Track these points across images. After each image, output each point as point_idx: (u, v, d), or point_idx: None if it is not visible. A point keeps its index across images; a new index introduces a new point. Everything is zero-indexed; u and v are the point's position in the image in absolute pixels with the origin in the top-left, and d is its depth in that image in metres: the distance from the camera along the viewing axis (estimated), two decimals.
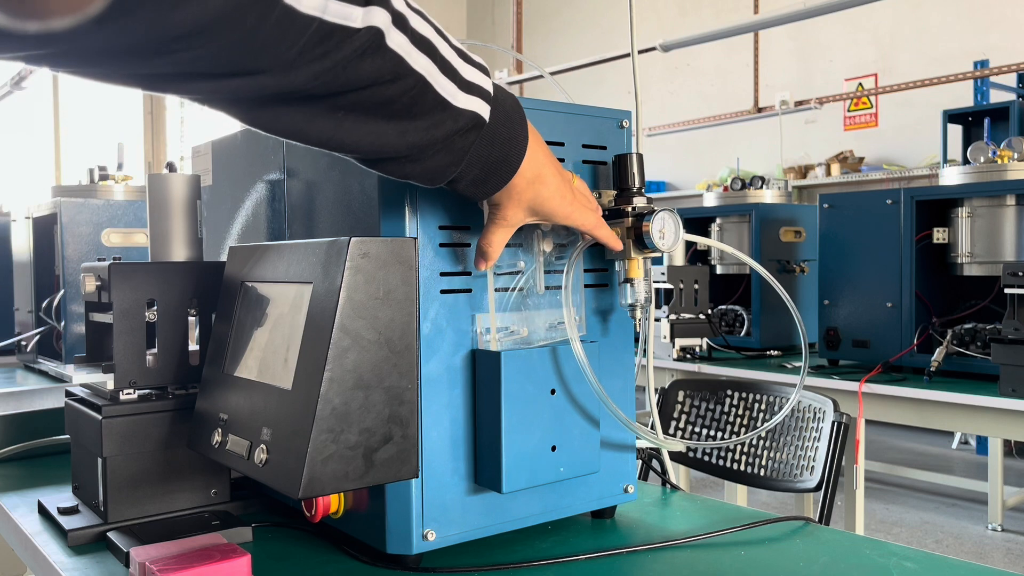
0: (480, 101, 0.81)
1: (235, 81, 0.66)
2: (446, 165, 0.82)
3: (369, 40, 0.68)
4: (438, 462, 0.93)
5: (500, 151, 0.84)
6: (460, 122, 0.79)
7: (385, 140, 0.76)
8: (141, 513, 1.04)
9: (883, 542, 1.01)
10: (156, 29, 0.58)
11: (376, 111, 0.74)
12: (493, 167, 0.85)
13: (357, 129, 0.75)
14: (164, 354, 1.07)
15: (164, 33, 0.59)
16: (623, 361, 1.09)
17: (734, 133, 7.24)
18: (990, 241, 2.60)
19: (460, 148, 0.81)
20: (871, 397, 2.58)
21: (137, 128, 8.17)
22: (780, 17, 3.88)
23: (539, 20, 8.83)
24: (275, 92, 0.68)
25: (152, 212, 1.16)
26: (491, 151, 0.83)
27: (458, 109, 0.79)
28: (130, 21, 0.57)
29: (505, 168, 0.85)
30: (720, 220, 3.51)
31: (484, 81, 0.82)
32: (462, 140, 0.80)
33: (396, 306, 0.85)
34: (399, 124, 0.76)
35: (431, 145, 0.79)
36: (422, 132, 0.77)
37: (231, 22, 0.60)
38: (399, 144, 0.77)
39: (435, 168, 0.81)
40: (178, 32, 0.59)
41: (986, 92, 5.29)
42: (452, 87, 0.78)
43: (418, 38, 0.74)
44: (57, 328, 2.12)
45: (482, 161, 0.83)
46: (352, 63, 0.69)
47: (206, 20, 0.59)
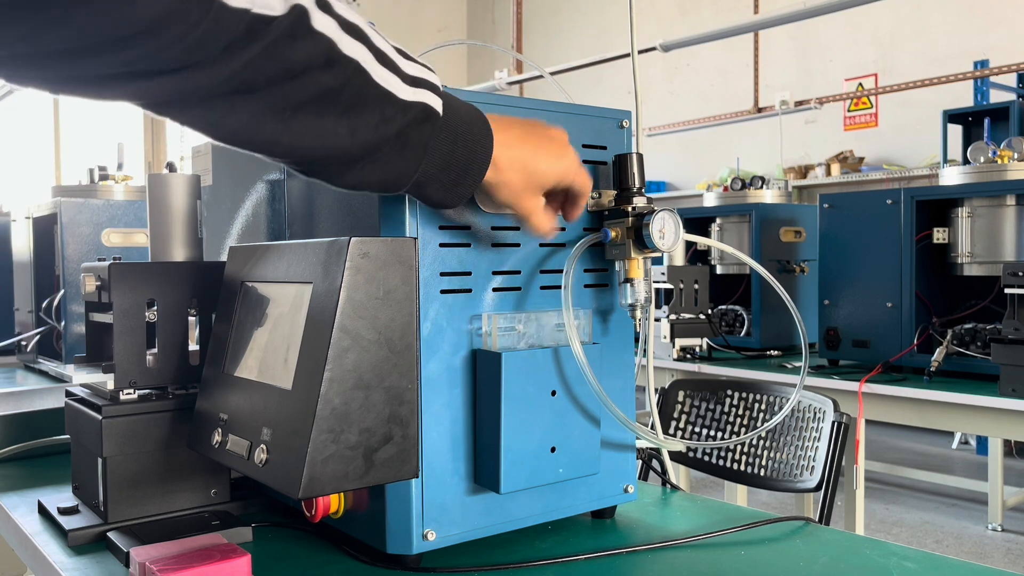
0: (428, 93, 0.79)
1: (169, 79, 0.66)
2: (404, 165, 0.79)
3: (294, 21, 0.68)
4: (438, 462, 0.93)
5: (465, 149, 0.82)
6: (410, 114, 0.77)
7: (335, 141, 0.75)
8: (141, 513, 1.04)
9: (883, 542, 1.01)
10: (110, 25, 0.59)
11: (320, 107, 0.73)
12: (461, 168, 0.82)
13: (306, 131, 0.73)
14: (164, 354, 1.07)
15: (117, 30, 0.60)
16: (623, 361, 1.09)
17: (734, 133, 7.24)
18: (990, 241, 2.60)
19: (417, 143, 0.79)
20: (871, 397, 2.58)
21: (137, 128, 8.17)
22: (780, 17, 3.88)
23: (539, 20, 8.83)
24: (214, 84, 0.68)
25: (152, 212, 1.16)
26: (454, 150, 0.81)
27: (405, 102, 0.77)
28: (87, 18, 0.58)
29: (474, 168, 0.83)
30: (720, 220, 3.51)
31: (429, 75, 0.80)
32: (416, 134, 0.78)
33: (396, 306, 0.85)
34: (347, 121, 0.74)
35: (384, 142, 0.77)
36: (372, 129, 0.75)
37: (178, 17, 0.61)
38: (350, 145, 0.75)
39: (394, 170, 0.79)
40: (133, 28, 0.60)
41: (986, 92, 5.29)
42: (394, 79, 0.76)
43: (347, 25, 0.73)
44: (57, 328, 2.12)
45: (445, 162, 0.81)
46: (281, 45, 0.68)
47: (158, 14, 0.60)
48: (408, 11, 8.98)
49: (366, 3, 8.41)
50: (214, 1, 0.63)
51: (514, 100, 1.00)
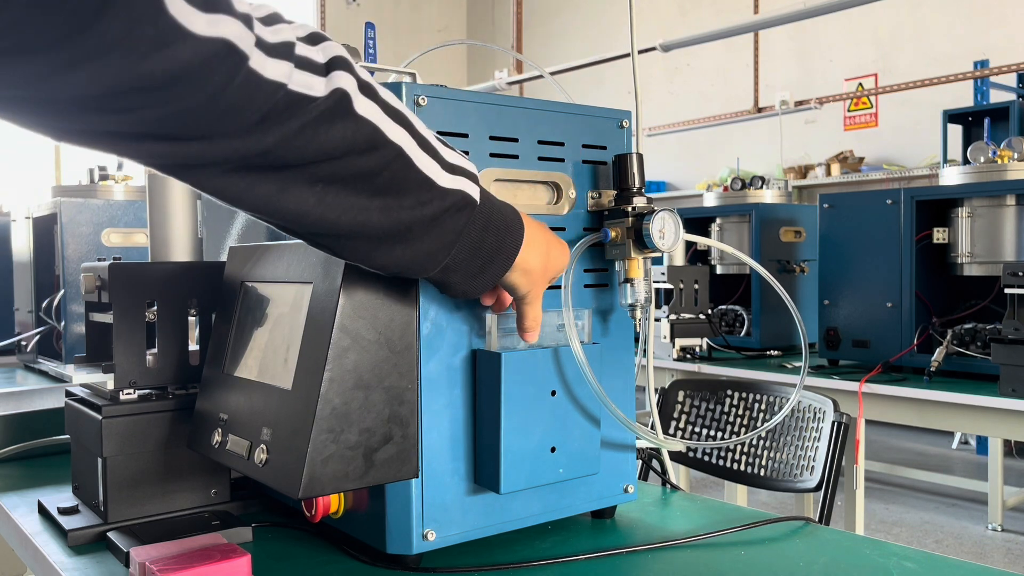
0: (467, 182, 0.78)
1: (197, 145, 0.64)
2: (436, 249, 0.78)
3: (335, 103, 0.67)
4: (438, 462, 0.93)
5: (495, 238, 0.82)
6: (448, 201, 0.76)
7: (368, 216, 0.73)
8: (141, 513, 1.04)
9: (883, 542, 1.01)
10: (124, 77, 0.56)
11: (357, 185, 0.71)
12: (488, 256, 0.82)
13: (339, 203, 0.71)
14: (164, 354, 1.07)
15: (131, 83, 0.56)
16: (623, 361, 1.09)
17: (734, 133, 7.24)
18: (990, 241, 2.60)
19: (451, 229, 0.78)
20: (871, 397, 2.58)
21: None
22: (780, 17, 3.88)
23: (539, 20, 8.83)
24: (242, 156, 0.66)
25: (152, 212, 1.16)
26: (484, 237, 0.81)
27: (444, 188, 0.76)
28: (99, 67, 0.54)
29: (501, 256, 0.83)
30: (720, 220, 3.51)
31: (468, 165, 0.80)
32: (452, 221, 0.77)
33: (396, 306, 0.85)
34: (383, 200, 0.73)
35: (419, 223, 0.75)
36: (408, 210, 0.74)
37: (198, 78, 0.58)
38: (383, 222, 0.74)
39: (425, 252, 0.78)
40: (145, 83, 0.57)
41: (986, 92, 5.29)
42: (435, 166, 0.76)
43: (390, 109, 0.73)
44: (57, 328, 2.12)
45: (475, 248, 0.81)
46: (321, 126, 0.67)
47: (174, 72, 0.57)
48: (408, 11, 8.98)
49: (366, 3, 8.42)
50: (243, 67, 0.61)
51: (514, 100, 1.00)
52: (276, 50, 0.63)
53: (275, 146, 0.66)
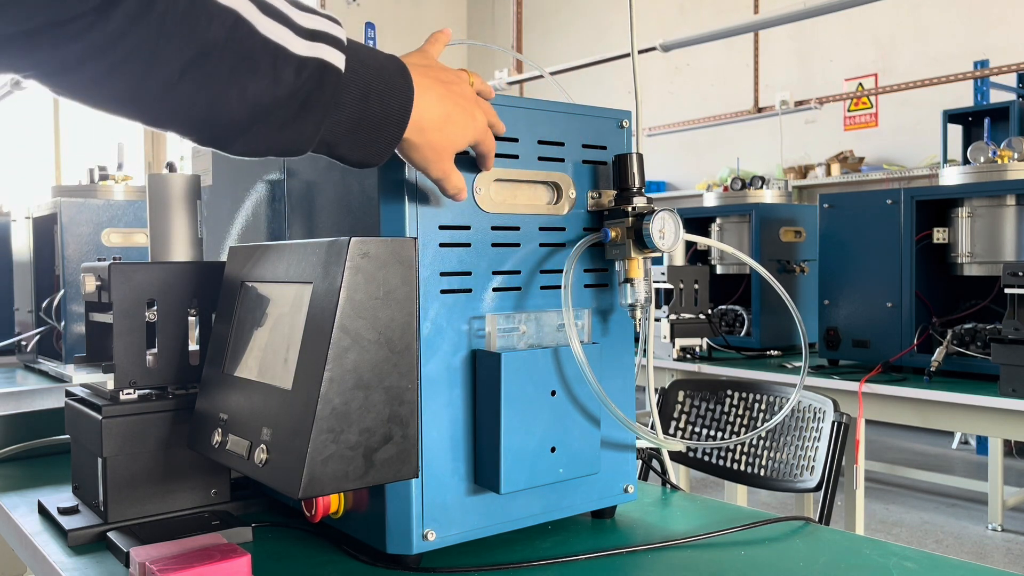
0: (329, 48, 0.72)
1: (46, 48, 0.61)
2: (303, 127, 0.73)
3: None
4: (438, 462, 0.93)
5: (378, 106, 0.75)
6: (304, 73, 0.70)
7: (225, 103, 0.68)
8: (141, 513, 1.04)
9: (883, 542, 1.01)
10: None
11: (205, 68, 0.66)
12: (376, 125, 0.76)
13: (193, 95, 0.67)
14: (164, 354, 1.07)
15: None
16: (623, 361, 1.09)
17: (734, 133, 7.24)
18: (990, 241, 2.60)
19: (316, 105, 0.72)
20: (871, 397, 2.58)
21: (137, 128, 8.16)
22: (780, 17, 3.88)
23: (539, 20, 8.82)
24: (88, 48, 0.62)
25: (152, 212, 1.16)
26: (366, 106, 0.75)
27: (299, 57, 0.70)
28: None
29: (391, 125, 0.77)
30: (720, 220, 3.51)
31: (332, 28, 0.73)
32: (316, 95, 0.71)
33: (396, 306, 0.85)
34: (236, 83, 0.67)
35: (276, 105, 0.70)
36: (263, 90, 0.69)
37: None
38: (242, 107, 0.69)
39: (292, 135, 0.73)
40: None
41: (986, 92, 5.29)
42: (284, 32, 0.69)
43: None
44: (57, 328, 2.12)
45: (356, 120, 0.75)
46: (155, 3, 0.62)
47: None
48: (408, 11, 8.97)
49: (366, 3, 8.42)
50: None
51: (514, 100, 1.00)
52: None
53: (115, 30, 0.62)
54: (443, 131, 0.83)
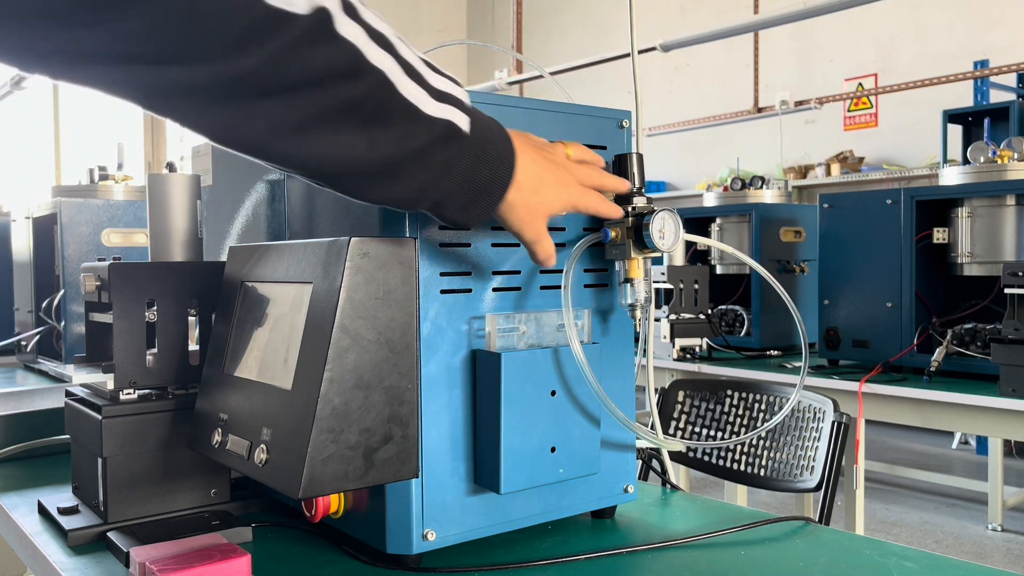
0: (455, 111, 0.76)
1: (175, 69, 0.61)
2: (425, 183, 0.76)
3: (316, 24, 0.64)
4: (438, 462, 0.93)
5: (488, 170, 0.79)
6: (434, 132, 0.74)
7: (355, 153, 0.71)
8: (141, 513, 1.04)
9: (883, 542, 1.01)
10: None
11: (342, 119, 0.69)
12: (481, 188, 0.80)
13: (323, 140, 0.69)
14: (164, 354, 1.07)
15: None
16: (623, 361, 1.09)
17: (734, 133, 7.24)
18: (990, 241, 2.60)
19: (440, 162, 0.75)
20: (871, 397, 2.58)
21: (137, 128, 8.17)
22: (780, 17, 3.88)
23: (539, 20, 8.82)
24: (222, 83, 0.63)
25: (152, 212, 1.16)
26: (477, 169, 0.79)
27: (430, 117, 0.73)
28: None
29: (496, 189, 0.81)
30: (720, 220, 3.51)
31: (457, 91, 0.77)
32: (440, 153, 0.75)
33: (396, 306, 0.85)
34: (368, 133, 0.71)
35: (406, 158, 0.73)
36: (393, 143, 0.72)
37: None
38: (371, 158, 0.72)
39: (415, 187, 0.76)
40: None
41: (986, 92, 5.29)
42: (421, 93, 0.73)
43: (374, 32, 0.70)
44: (57, 328, 2.12)
45: (467, 181, 0.78)
46: (301, 49, 0.64)
47: None
48: (408, 11, 8.98)
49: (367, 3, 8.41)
50: None
51: (514, 100, 1.00)
52: None
53: (256, 69, 0.63)
54: (538, 193, 0.85)
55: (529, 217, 0.86)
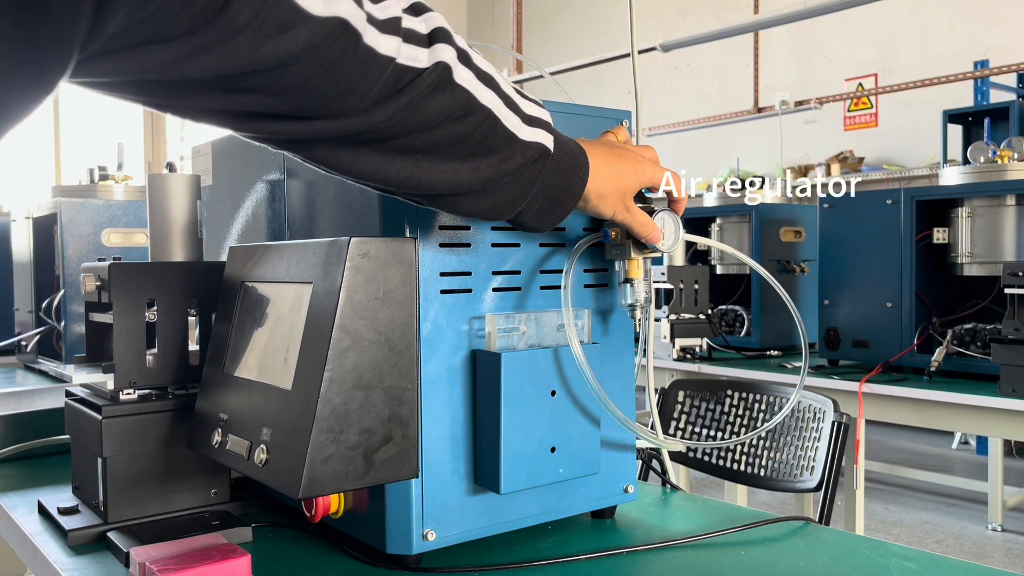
0: (543, 132, 0.84)
1: (317, 124, 0.68)
2: (515, 197, 0.83)
3: (438, 76, 0.72)
4: (438, 462, 0.93)
5: (563, 179, 0.86)
6: (528, 154, 0.82)
7: (460, 178, 0.78)
8: (141, 513, 1.04)
9: (883, 542, 1.01)
10: (249, 60, 0.59)
11: (450, 149, 0.76)
12: (557, 195, 0.87)
13: (433, 168, 0.76)
14: (164, 354, 1.07)
15: (255, 65, 0.60)
16: (623, 361, 1.09)
17: (734, 133, 7.23)
18: (990, 241, 2.60)
19: (528, 179, 0.83)
20: (871, 397, 2.58)
21: (137, 128, 8.17)
22: (780, 17, 3.88)
23: (539, 20, 8.82)
24: (355, 133, 0.71)
25: (152, 212, 1.16)
26: (554, 180, 0.86)
27: (524, 142, 0.81)
28: (227, 51, 0.58)
29: (568, 195, 0.88)
30: (720, 220, 3.51)
31: (543, 114, 0.85)
32: (530, 171, 0.83)
33: (396, 306, 0.85)
34: (472, 162, 0.78)
35: (501, 177, 0.81)
36: (494, 167, 0.80)
37: (316, 57, 0.62)
38: (472, 180, 0.79)
39: (504, 200, 0.83)
40: (268, 64, 0.60)
41: (986, 92, 5.29)
42: (516, 120, 0.81)
43: (482, 74, 0.78)
44: (57, 328, 2.12)
45: (546, 191, 0.85)
46: (425, 99, 0.71)
47: (295, 53, 0.61)
48: None
49: None
50: (359, 44, 0.64)
51: None
52: (386, 25, 0.68)
53: (386, 121, 0.70)
54: (619, 180, 0.93)
55: (618, 200, 0.93)
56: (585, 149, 0.90)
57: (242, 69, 0.60)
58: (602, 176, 0.91)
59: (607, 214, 0.94)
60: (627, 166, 0.95)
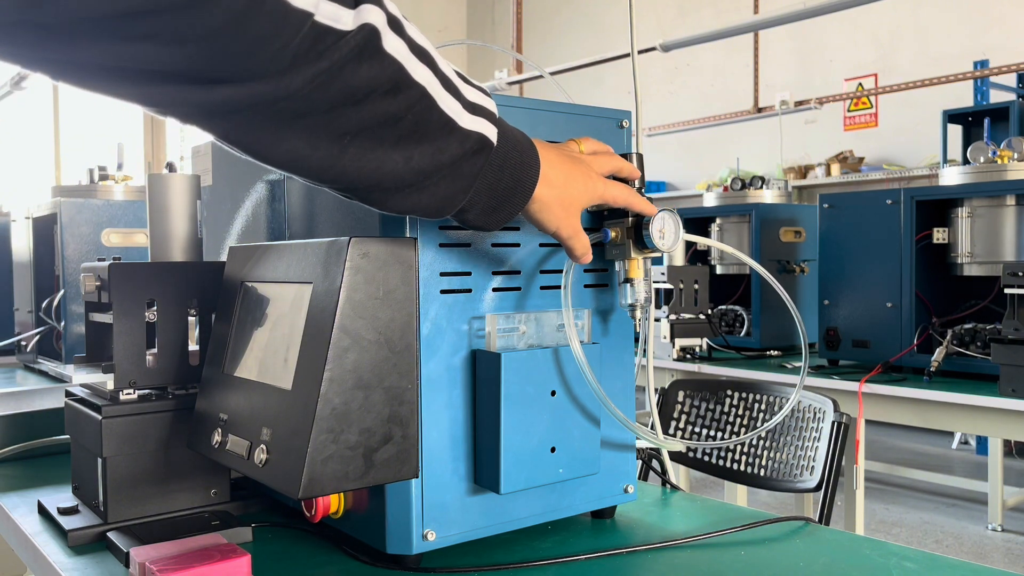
0: (486, 123, 0.77)
1: (225, 89, 0.61)
2: (453, 193, 0.77)
3: (364, 40, 0.64)
4: (438, 462, 0.93)
5: (511, 177, 0.80)
6: (467, 145, 0.75)
7: (389, 167, 0.71)
8: (141, 513, 1.04)
9: (883, 542, 1.01)
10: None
11: (381, 133, 0.69)
12: (505, 194, 0.81)
13: (362, 156, 0.69)
14: (164, 354, 1.07)
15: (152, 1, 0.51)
16: (623, 361, 1.09)
17: (734, 133, 7.23)
18: (990, 241, 2.60)
19: (468, 174, 0.76)
20: (871, 397, 2.58)
21: (137, 128, 8.17)
22: (780, 17, 3.88)
23: (539, 20, 8.82)
24: (269, 101, 0.63)
25: (152, 212, 1.16)
26: (501, 177, 0.80)
27: (464, 130, 0.74)
28: None
29: (518, 194, 0.82)
30: (720, 220, 3.51)
31: (488, 103, 0.78)
32: (469, 165, 0.76)
33: (396, 306, 0.85)
34: (405, 150, 0.71)
35: (437, 171, 0.74)
36: (428, 157, 0.72)
37: None
38: (404, 171, 0.72)
39: (442, 197, 0.76)
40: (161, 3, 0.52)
41: (986, 92, 5.29)
42: (456, 105, 0.74)
43: (416, 47, 0.70)
44: (57, 328, 2.12)
45: (491, 188, 0.79)
46: (348, 66, 0.64)
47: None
48: (408, 11, 8.91)
49: None
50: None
51: (514, 100, 1.00)
52: None
53: (303, 88, 0.63)
54: (567, 189, 0.87)
55: (563, 213, 0.87)
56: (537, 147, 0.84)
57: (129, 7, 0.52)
58: (548, 182, 0.84)
59: (548, 227, 0.87)
60: (577, 177, 0.88)
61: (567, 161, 0.88)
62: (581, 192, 0.89)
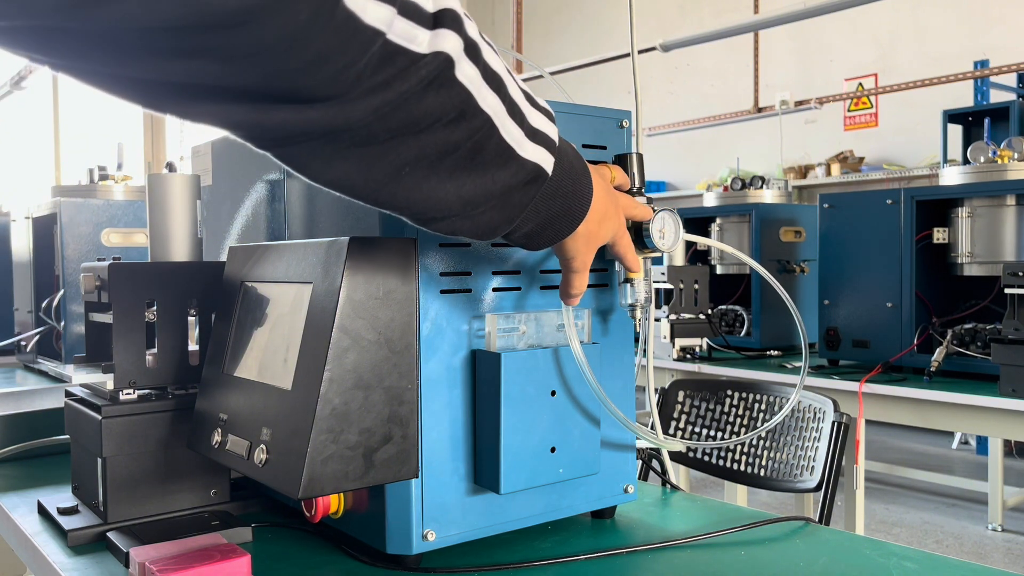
0: (544, 152, 0.73)
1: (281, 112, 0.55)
2: (498, 223, 0.74)
3: (437, 70, 0.59)
4: (438, 462, 0.93)
5: (561, 205, 0.78)
6: (520, 176, 0.71)
7: (439, 196, 0.67)
8: (141, 513, 1.04)
9: (883, 542, 1.01)
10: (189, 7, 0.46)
11: (437, 163, 0.65)
12: (551, 220, 0.79)
13: (413, 187, 0.65)
14: (164, 354, 1.07)
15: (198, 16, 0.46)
16: (623, 361, 1.09)
17: (734, 133, 7.24)
18: (990, 241, 2.60)
19: (517, 204, 0.73)
20: (871, 397, 2.58)
21: (137, 128, 8.17)
22: (780, 17, 3.88)
23: (539, 20, 8.82)
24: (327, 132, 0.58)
25: (152, 212, 1.16)
26: (551, 205, 0.77)
27: (521, 159, 0.70)
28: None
29: (565, 222, 0.80)
30: (720, 220, 3.51)
31: (550, 129, 0.75)
32: (520, 195, 0.73)
33: (396, 306, 0.85)
34: (457, 179, 0.67)
35: (486, 200, 0.70)
36: (479, 187, 0.69)
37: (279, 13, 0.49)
38: (453, 201, 0.68)
39: (485, 224, 0.73)
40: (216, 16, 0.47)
41: (986, 92, 5.29)
42: (519, 133, 0.70)
43: (489, 73, 0.65)
44: (57, 328, 2.11)
45: (540, 215, 0.77)
46: (416, 96, 0.59)
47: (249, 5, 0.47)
48: None
49: None
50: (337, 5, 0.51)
51: None
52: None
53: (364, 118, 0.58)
54: (600, 225, 0.86)
55: (585, 248, 0.87)
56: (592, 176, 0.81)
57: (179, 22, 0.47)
58: (588, 216, 0.81)
59: (566, 254, 0.85)
60: (611, 217, 0.87)
61: (606, 198, 0.87)
62: (608, 233, 0.89)
